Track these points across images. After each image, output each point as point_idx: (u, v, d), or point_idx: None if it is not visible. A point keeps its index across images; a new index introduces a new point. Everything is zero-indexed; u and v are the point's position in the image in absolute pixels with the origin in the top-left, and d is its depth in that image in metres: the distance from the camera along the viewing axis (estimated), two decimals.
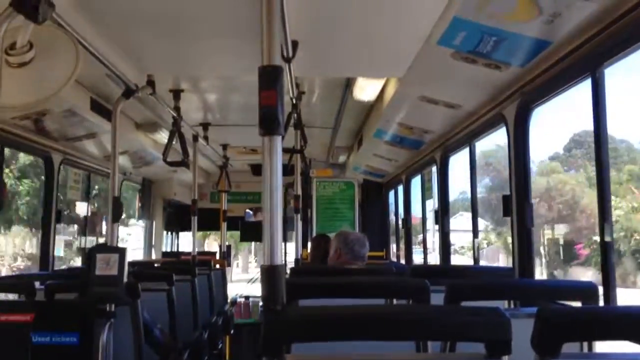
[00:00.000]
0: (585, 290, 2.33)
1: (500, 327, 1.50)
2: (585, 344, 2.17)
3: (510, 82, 3.52)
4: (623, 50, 2.56)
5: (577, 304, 2.33)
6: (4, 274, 13.12)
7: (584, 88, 2.84)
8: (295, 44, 3.24)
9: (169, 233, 9.93)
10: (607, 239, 2.70)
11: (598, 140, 2.76)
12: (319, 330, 1.55)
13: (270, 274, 1.78)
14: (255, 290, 8.68)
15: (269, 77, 1.84)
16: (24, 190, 13.10)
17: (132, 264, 5.18)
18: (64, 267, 9.54)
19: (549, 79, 3.16)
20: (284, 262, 1.86)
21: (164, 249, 9.20)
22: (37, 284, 3.83)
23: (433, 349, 2.37)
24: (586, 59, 2.77)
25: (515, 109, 3.60)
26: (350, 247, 4.15)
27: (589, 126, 2.74)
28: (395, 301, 2.62)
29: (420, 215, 6.67)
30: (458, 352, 2.16)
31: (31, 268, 12.38)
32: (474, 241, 4.61)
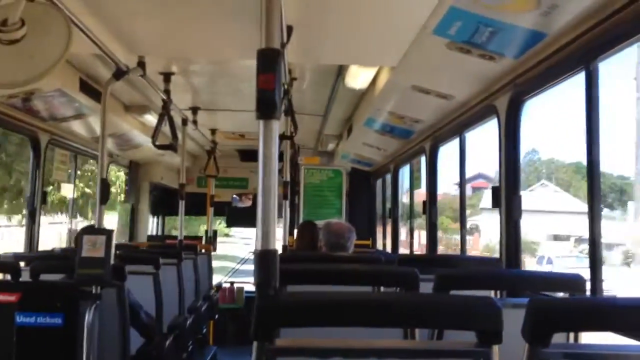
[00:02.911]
0: (572, 282, 2.36)
1: (492, 316, 1.51)
2: (571, 335, 2.20)
3: (503, 74, 3.52)
4: (618, 44, 2.56)
5: (564, 295, 2.35)
6: None
7: None
8: (290, 29, 3.22)
9: (155, 217, 9.88)
10: (596, 232, 2.72)
11: (590, 135, 2.77)
12: (311, 315, 1.55)
13: (264, 258, 1.77)
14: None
15: (268, 60, 1.82)
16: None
17: (118, 246, 5.16)
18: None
19: (543, 72, 3.16)
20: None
21: (148, 233, 9.17)
22: (22, 265, 3.80)
23: (421, 337, 2.39)
24: (581, 52, 2.77)
25: (507, 101, 3.60)
26: (326, 238, 4.25)
27: None
28: (382, 289, 2.64)
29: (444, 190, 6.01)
30: (447, 340, 2.17)
31: None
32: (461, 231, 4.64)
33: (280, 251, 5.08)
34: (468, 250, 5.58)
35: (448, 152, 5.23)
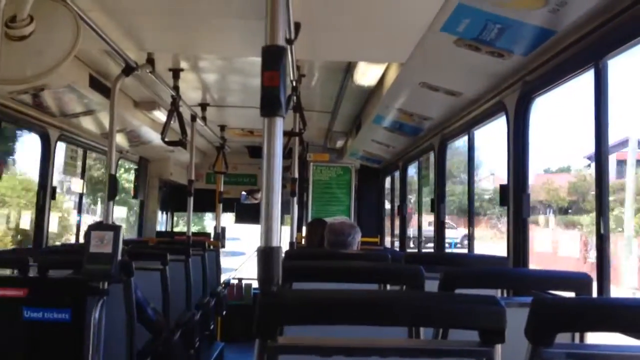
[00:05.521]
0: (579, 281, 2.34)
1: (495, 315, 1.49)
2: (577, 335, 2.19)
3: (512, 71, 3.50)
4: (627, 42, 2.54)
5: (571, 294, 2.33)
6: None
7: None
8: (297, 26, 3.21)
9: (164, 213, 9.91)
10: (603, 231, 2.70)
11: (598, 133, 2.75)
12: (313, 313, 1.54)
13: (266, 255, 1.77)
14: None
15: (272, 58, 1.82)
16: None
17: (126, 242, 5.18)
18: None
19: (552, 69, 3.14)
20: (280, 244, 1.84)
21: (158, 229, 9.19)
22: (30, 260, 3.82)
23: (425, 336, 2.38)
24: (590, 50, 2.75)
25: (516, 98, 3.58)
26: (328, 237, 4.22)
27: None
28: (388, 287, 2.63)
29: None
30: (450, 340, 2.16)
31: None
32: (469, 229, 4.62)
33: (287, 248, 5.11)
34: None
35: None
